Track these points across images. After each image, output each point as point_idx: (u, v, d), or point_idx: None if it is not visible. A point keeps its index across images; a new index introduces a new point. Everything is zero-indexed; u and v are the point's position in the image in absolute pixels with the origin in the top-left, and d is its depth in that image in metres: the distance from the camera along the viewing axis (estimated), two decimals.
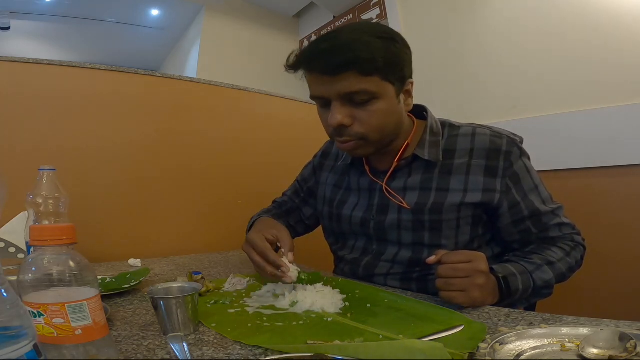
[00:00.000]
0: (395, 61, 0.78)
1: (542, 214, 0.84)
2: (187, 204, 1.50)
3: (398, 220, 0.87)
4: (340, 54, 0.75)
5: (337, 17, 3.17)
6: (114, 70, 1.37)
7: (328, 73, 0.77)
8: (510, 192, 0.83)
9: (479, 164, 0.83)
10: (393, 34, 0.81)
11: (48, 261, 0.43)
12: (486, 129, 0.87)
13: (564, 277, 0.82)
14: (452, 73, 2.05)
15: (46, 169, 0.84)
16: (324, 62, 0.77)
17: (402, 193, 0.88)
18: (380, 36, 0.77)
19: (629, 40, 1.42)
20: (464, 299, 0.67)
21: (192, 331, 0.60)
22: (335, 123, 0.79)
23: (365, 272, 0.92)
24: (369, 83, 0.76)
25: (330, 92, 0.78)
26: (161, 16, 3.97)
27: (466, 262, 0.68)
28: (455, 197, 0.83)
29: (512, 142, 0.84)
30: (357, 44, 0.75)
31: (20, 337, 0.32)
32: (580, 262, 0.86)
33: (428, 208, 0.84)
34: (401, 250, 0.88)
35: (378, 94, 0.78)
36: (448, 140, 0.88)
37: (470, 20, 1.98)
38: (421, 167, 0.87)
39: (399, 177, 0.89)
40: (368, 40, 0.75)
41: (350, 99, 0.78)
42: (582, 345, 0.48)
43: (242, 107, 1.66)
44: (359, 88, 0.76)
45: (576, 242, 0.86)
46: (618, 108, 1.41)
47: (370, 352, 0.46)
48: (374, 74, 0.76)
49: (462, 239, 0.85)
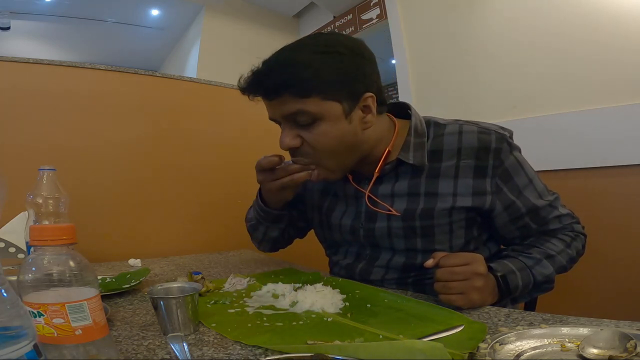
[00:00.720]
0: (340, 78, 0.74)
1: (540, 209, 0.82)
2: (187, 204, 1.50)
3: (388, 227, 0.84)
4: (272, 77, 0.74)
5: (337, 17, 3.17)
6: (114, 70, 1.37)
7: (265, 97, 0.77)
8: (501, 192, 0.80)
9: (468, 164, 0.80)
10: (340, 46, 0.75)
11: (48, 261, 0.43)
12: (473, 126, 0.82)
13: (565, 269, 0.81)
14: (452, 73, 2.05)
15: (46, 169, 0.84)
16: (259, 86, 0.76)
17: (389, 199, 0.84)
18: (322, 51, 0.74)
19: (629, 40, 1.42)
20: (463, 301, 0.66)
21: (192, 331, 0.60)
22: (284, 146, 0.79)
23: (361, 277, 0.90)
24: (307, 104, 0.73)
25: (275, 114, 0.78)
26: (161, 16, 3.97)
27: (464, 264, 0.68)
28: (445, 202, 0.80)
29: (501, 137, 0.80)
30: (290, 66, 0.73)
31: (20, 337, 0.32)
32: (581, 252, 0.84)
33: (418, 214, 0.81)
34: (395, 256, 0.86)
35: (320, 114, 0.74)
36: (434, 141, 0.83)
37: (470, 20, 1.98)
38: (408, 171, 0.83)
39: (385, 182, 0.86)
40: (303, 60, 0.73)
41: (294, 120, 0.76)
42: (582, 345, 0.48)
43: (242, 107, 1.65)
44: (296, 109, 0.74)
45: (576, 232, 0.85)
46: (618, 108, 1.41)
47: (370, 352, 0.46)
48: (311, 95, 0.73)
49: (456, 243, 0.83)
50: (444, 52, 2.10)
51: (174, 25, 3.97)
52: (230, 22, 3.46)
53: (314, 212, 1.01)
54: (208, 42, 3.39)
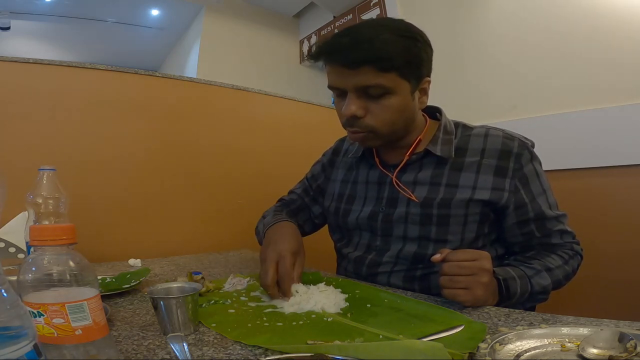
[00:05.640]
0: (414, 60, 0.80)
1: (547, 219, 0.85)
2: (187, 204, 1.50)
3: (406, 213, 0.88)
4: (360, 50, 0.77)
5: (337, 17, 3.17)
6: (114, 70, 1.37)
7: (347, 66, 0.79)
8: (518, 193, 0.84)
9: (490, 163, 0.84)
10: (415, 33, 0.82)
11: (48, 261, 0.43)
12: (499, 131, 0.88)
13: (560, 284, 0.84)
14: (452, 73, 2.05)
15: (46, 169, 0.84)
16: (344, 56, 0.79)
17: (411, 187, 0.89)
18: (402, 34, 0.79)
19: (629, 40, 1.42)
20: (468, 296, 0.67)
21: (192, 331, 0.60)
22: (349, 113, 0.81)
23: (369, 270, 0.92)
24: (385, 79, 0.78)
25: (347, 84, 0.81)
26: (161, 16, 3.97)
27: (471, 260, 0.69)
28: (464, 193, 0.84)
29: (524, 145, 0.86)
30: (378, 42, 0.77)
31: (20, 337, 0.32)
32: (576, 271, 0.87)
33: (437, 202, 0.85)
34: (406, 245, 0.88)
35: (393, 89, 0.80)
36: (461, 139, 0.89)
37: (470, 20, 1.98)
38: (432, 162, 0.88)
39: (409, 171, 0.90)
40: (388, 39, 0.77)
41: (366, 92, 0.80)
42: (582, 345, 0.48)
43: (242, 107, 1.65)
44: (375, 82, 0.78)
45: (575, 251, 0.87)
46: (618, 108, 1.41)
47: (370, 352, 0.46)
48: (391, 71, 0.78)
49: (468, 236, 0.85)
50: (444, 52, 2.10)
51: (174, 25, 3.97)
52: (230, 22, 3.46)
53: (332, 201, 1.03)
54: (208, 42, 3.38)
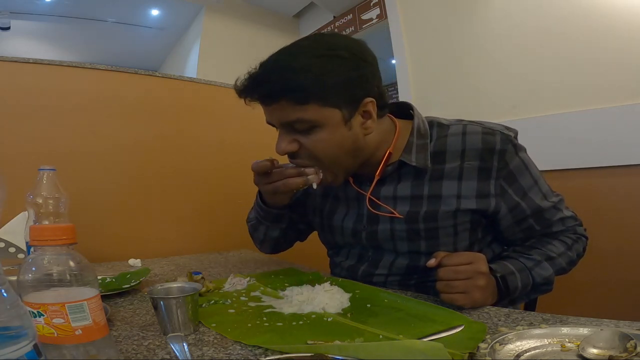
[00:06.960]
0: (340, 83, 0.71)
1: (544, 210, 0.81)
2: (187, 204, 1.50)
3: (391, 230, 0.83)
4: (269, 84, 0.71)
5: (337, 17, 3.17)
6: (114, 70, 1.37)
7: (263, 102, 0.75)
8: (506, 194, 0.79)
9: (472, 166, 0.78)
10: (341, 49, 0.72)
11: (48, 261, 0.43)
12: (477, 126, 0.81)
13: (564, 271, 0.81)
14: (452, 73, 2.05)
15: (46, 169, 0.84)
16: (257, 92, 0.74)
17: (392, 202, 0.83)
18: (322, 55, 0.71)
19: (629, 40, 1.42)
20: (466, 300, 0.66)
21: (192, 331, 0.60)
22: (280, 152, 0.77)
23: (363, 279, 0.88)
24: (305, 112, 0.71)
25: (272, 119, 0.77)
26: (161, 16, 3.98)
27: (467, 263, 0.68)
28: (449, 204, 0.79)
29: (506, 138, 0.78)
30: (288, 71, 0.70)
31: (20, 337, 0.32)
32: (582, 254, 0.84)
33: (422, 216, 0.80)
34: (398, 258, 0.85)
35: (318, 122, 0.72)
36: (437, 142, 0.81)
37: (470, 20, 1.98)
38: (410, 172, 0.82)
39: (387, 184, 0.84)
40: (302, 65, 0.70)
41: (292, 126, 0.74)
42: (582, 345, 0.48)
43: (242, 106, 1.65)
44: (295, 117, 0.72)
45: (578, 234, 0.84)
46: (618, 108, 1.40)
47: (370, 352, 0.46)
48: (309, 102, 0.70)
49: (461, 245, 0.82)
50: (444, 52, 2.10)
51: (174, 26, 3.97)
52: (230, 22, 3.46)
53: (315, 215, 1.00)
54: (208, 42, 3.39)
